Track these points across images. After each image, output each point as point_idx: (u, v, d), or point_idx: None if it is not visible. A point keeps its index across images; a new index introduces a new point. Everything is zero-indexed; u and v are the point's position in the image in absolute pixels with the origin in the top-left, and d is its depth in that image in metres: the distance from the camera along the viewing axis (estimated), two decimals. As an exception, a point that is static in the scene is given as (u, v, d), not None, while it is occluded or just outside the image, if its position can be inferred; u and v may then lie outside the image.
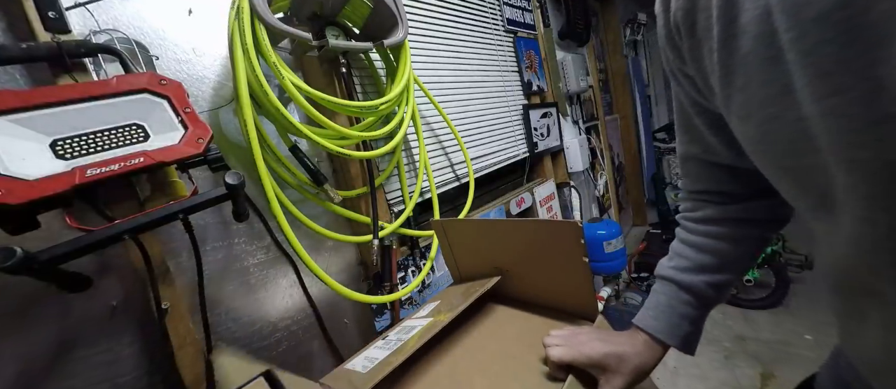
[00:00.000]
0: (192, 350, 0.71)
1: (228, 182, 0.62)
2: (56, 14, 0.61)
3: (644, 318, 0.48)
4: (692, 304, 0.46)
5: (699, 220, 0.48)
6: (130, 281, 0.69)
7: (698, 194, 0.48)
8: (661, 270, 0.50)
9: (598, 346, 0.46)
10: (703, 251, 0.46)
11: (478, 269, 0.77)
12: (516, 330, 0.64)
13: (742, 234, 0.46)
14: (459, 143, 1.34)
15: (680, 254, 0.48)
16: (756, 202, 0.44)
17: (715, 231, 0.46)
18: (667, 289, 0.48)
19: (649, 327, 0.47)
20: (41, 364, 0.61)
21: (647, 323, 0.47)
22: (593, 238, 1.89)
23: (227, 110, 0.85)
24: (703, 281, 0.46)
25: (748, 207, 0.45)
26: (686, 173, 0.48)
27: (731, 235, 0.45)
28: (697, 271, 0.46)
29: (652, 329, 0.47)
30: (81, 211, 0.60)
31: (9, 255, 0.45)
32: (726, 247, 0.45)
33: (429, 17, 1.36)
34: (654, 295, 0.49)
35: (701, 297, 0.46)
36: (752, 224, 0.46)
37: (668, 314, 0.46)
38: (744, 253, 0.47)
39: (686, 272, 0.47)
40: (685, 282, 0.46)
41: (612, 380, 0.44)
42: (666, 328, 0.46)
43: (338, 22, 0.92)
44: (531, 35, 1.90)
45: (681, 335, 0.46)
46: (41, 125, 0.53)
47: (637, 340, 0.47)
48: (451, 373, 0.56)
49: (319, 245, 0.99)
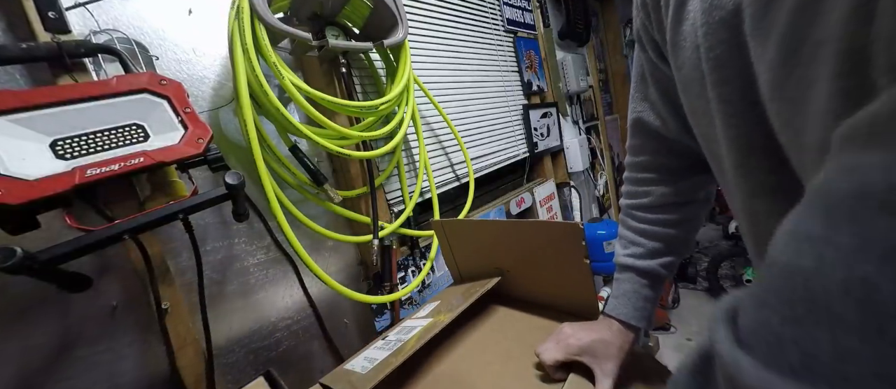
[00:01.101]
0: (192, 350, 0.71)
1: (228, 182, 0.62)
2: (56, 14, 0.61)
3: (615, 307, 0.53)
4: (650, 287, 0.52)
5: (644, 208, 0.53)
6: (130, 281, 0.69)
7: (641, 168, 0.53)
8: (620, 259, 0.54)
9: (583, 336, 0.50)
10: (652, 238, 0.52)
11: (478, 269, 0.77)
12: (517, 331, 0.64)
13: (681, 217, 0.51)
14: (459, 143, 1.34)
15: (633, 243, 0.53)
16: (689, 179, 0.50)
17: (659, 218, 0.51)
18: (628, 277, 0.53)
19: (621, 314, 0.52)
20: (41, 363, 0.61)
21: (618, 311, 0.52)
22: (593, 238, 1.89)
23: (227, 110, 0.85)
24: (657, 264, 0.51)
25: (682, 187, 0.50)
26: (632, 144, 0.53)
27: (672, 220, 0.51)
28: (651, 257, 0.52)
29: (623, 316, 0.51)
30: (81, 211, 0.60)
31: (9, 255, 0.45)
32: (671, 232, 0.51)
33: (429, 17, 1.36)
34: (618, 283, 0.54)
35: (657, 278, 0.52)
36: (688, 205, 0.51)
37: (633, 299, 0.52)
38: (685, 235, 0.52)
39: (642, 258, 0.52)
40: (642, 268, 0.51)
41: (604, 364, 0.48)
42: (633, 312, 0.51)
43: (338, 22, 0.92)
44: (531, 35, 1.90)
45: (646, 317, 0.51)
46: (41, 125, 0.53)
47: (612, 326, 0.51)
48: (452, 374, 0.56)
49: (319, 245, 0.99)
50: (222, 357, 0.80)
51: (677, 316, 2.39)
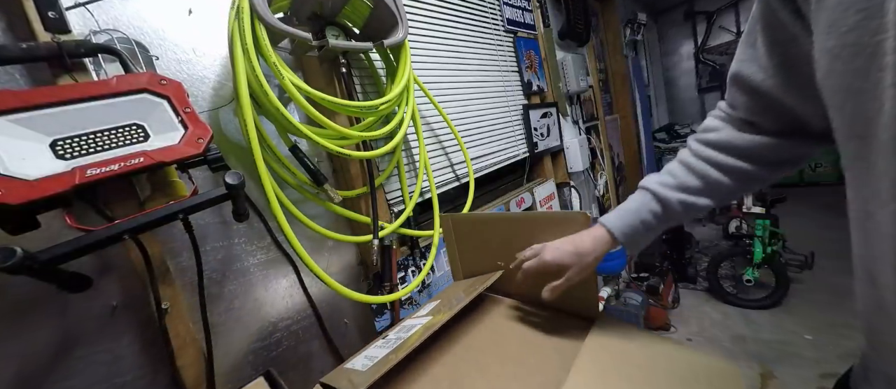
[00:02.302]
0: (192, 350, 0.71)
1: (228, 182, 0.62)
2: (56, 14, 0.61)
3: (609, 218, 0.55)
4: (657, 215, 0.52)
5: (711, 144, 0.50)
6: (130, 281, 0.69)
7: (729, 115, 0.50)
8: (645, 182, 0.54)
9: (556, 253, 0.56)
10: (694, 172, 0.50)
11: (482, 266, 0.77)
12: (517, 331, 0.64)
13: (742, 170, 0.48)
14: (459, 143, 1.34)
15: (670, 172, 0.53)
16: (776, 140, 0.47)
17: (719, 158, 0.49)
18: (641, 197, 0.54)
19: (610, 224, 0.54)
20: (41, 363, 0.61)
21: (609, 222, 0.55)
22: (593, 238, 1.89)
23: (227, 110, 0.85)
24: (679, 199, 0.50)
25: (766, 144, 0.47)
26: (729, 94, 0.49)
27: (732, 168, 0.48)
28: (678, 189, 0.51)
29: (610, 226, 0.54)
30: (81, 211, 0.60)
31: (9, 255, 0.45)
32: (719, 177, 0.49)
33: (429, 17, 1.36)
34: (628, 200, 0.56)
35: (668, 210, 0.51)
36: (760, 162, 0.48)
37: (631, 217, 0.53)
38: (731, 187, 0.50)
39: (666, 187, 0.51)
40: (661, 194, 0.51)
41: (569, 273, 0.55)
42: (621, 226, 0.53)
43: (338, 22, 0.92)
44: (531, 35, 1.90)
45: (632, 235, 0.53)
46: (41, 125, 0.53)
47: (597, 234, 0.55)
48: (452, 374, 0.56)
49: (319, 245, 0.99)
50: (222, 357, 0.80)
51: (677, 315, 2.39)
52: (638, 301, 2.16)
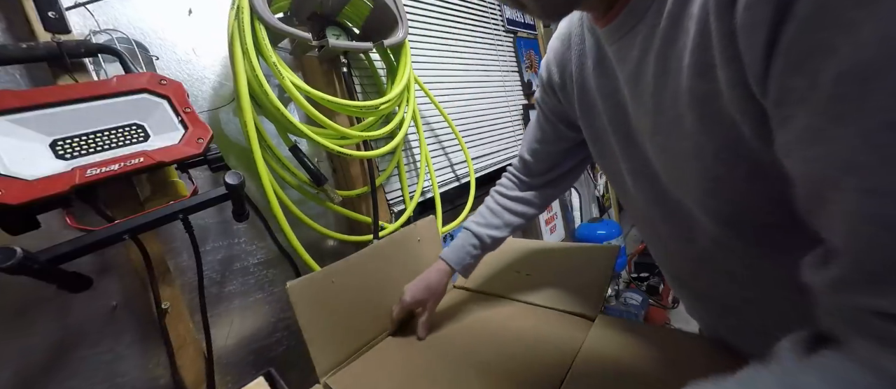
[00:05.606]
0: (192, 350, 0.71)
1: (228, 182, 0.62)
2: (56, 14, 0.61)
3: (447, 253, 0.71)
4: (476, 246, 0.69)
5: (508, 197, 0.71)
6: (130, 281, 0.69)
7: (524, 169, 0.70)
8: (466, 223, 0.73)
9: (414, 292, 0.68)
10: (497, 216, 0.70)
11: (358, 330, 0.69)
12: (517, 331, 0.64)
13: (524, 212, 0.70)
14: (460, 143, 1.34)
15: (482, 214, 0.72)
16: (543, 190, 0.70)
17: (514, 207, 0.70)
18: (464, 235, 0.71)
19: (448, 258, 0.70)
20: (41, 363, 0.61)
21: (447, 257, 0.70)
22: (593, 238, 1.89)
23: (227, 110, 0.85)
24: (488, 234, 0.69)
25: (537, 194, 0.70)
26: (518, 164, 0.71)
27: (520, 212, 0.70)
28: (486, 227, 0.70)
29: (448, 260, 0.70)
30: (81, 211, 0.60)
31: (9, 255, 0.45)
32: (513, 219, 0.70)
33: (429, 17, 1.36)
34: (457, 238, 0.72)
35: (483, 243, 0.69)
36: (535, 206, 0.71)
37: (460, 251, 0.70)
38: (521, 223, 0.71)
39: (480, 226, 0.70)
40: (476, 232, 0.70)
41: (427, 305, 0.69)
42: (455, 258, 0.70)
43: (338, 22, 0.92)
44: (531, 35, 1.90)
45: (463, 264, 0.69)
46: (41, 125, 0.53)
47: (440, 267, 0.70)
48: (451, 374, 0.56)
49: (319, 245, 0.99)
50: (222, 357, 0.80)
51: (677, 315, 2.39)
52: (638, 301, 2.16)
